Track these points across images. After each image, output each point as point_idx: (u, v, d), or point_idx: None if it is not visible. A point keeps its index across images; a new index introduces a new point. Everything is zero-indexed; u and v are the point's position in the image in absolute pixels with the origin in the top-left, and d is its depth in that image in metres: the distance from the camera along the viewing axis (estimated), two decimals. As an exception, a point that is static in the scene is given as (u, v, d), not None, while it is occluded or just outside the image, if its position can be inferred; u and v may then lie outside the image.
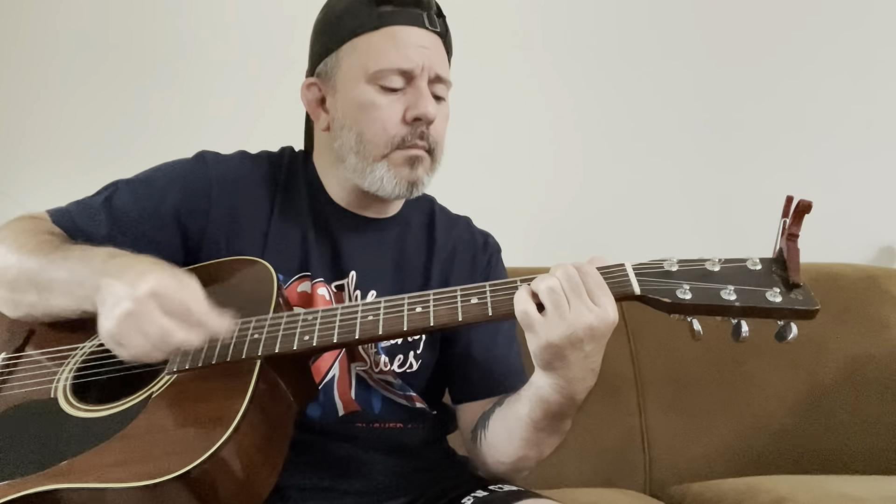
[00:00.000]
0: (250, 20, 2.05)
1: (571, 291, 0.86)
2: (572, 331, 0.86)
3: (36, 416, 0.96)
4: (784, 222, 0.86)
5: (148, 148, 1.85)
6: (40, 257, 1.01)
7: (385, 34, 1.08)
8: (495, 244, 1.26)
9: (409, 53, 1.08)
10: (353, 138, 1.10)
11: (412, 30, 1.09)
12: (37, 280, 1.00)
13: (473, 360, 1.16)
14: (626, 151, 2.17)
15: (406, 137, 1.09)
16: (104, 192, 1.14)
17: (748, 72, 2.18)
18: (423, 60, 1.08)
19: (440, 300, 0.94)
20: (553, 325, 0.86)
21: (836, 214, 2.03)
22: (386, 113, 1.08)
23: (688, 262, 0.89)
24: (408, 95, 1.09)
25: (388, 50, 1.08)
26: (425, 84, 1.09)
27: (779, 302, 0.83)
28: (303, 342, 0.94)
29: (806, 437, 1.81)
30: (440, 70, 1.10)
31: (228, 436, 0.85)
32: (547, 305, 0.87)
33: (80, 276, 0.96)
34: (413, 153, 1.09)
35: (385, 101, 1.08)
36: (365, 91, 1.09)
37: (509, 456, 1.07)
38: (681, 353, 1.83)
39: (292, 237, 1.13)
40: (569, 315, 0.86)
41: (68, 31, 2.02)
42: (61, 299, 0.99)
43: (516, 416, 1.01)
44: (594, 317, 0.86)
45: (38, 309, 1.03)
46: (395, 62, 1.07)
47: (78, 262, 0.98)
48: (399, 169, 1.10)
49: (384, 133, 1.08)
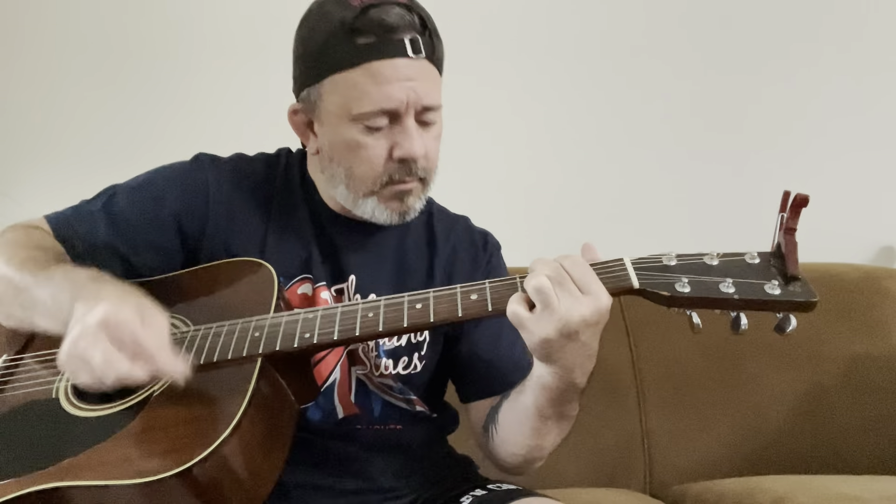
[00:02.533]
0: (249, 22, 2.05)
1: (559, 286, 0.85)
2: (564, 324, 0.85)
3: (37, 415, 0.96)
4: (782, 217, 0.85)
5: (148, 148, 1.86)
6: (26, 274, 0.99)
7: (364, 72, 1.02)
8: (495, 242, 1.25)
9: (392, 92, 1.02)
10: (342, 172, 1.08)
11: (394, 62, 1.02)
12: (21, 298, 0.99)
13: (479, 358, 1.15)
14: (623, 150, 2.17)
15: (394, 175, 1.06)
16: (102, 197, 1.14)
17: (747, 71, 2.17)
18: (408, 95, 1.02)
19: (440, 298, 0.94)
20: (545, 322, 0.86)
21: (836, 214, 2.02)
22: (372, 152, 1.05)
23: (686, 257, 0.89)
24: (394, 132, 1.05)
25: (370, 90, 1.02)
26: (411, 121, 1.04)
27: (777, 294, 0.83)
28: (303, 340, 0.94)
29: (806, 437, 1.81)
30: (426, 100, 1.04)
31: (229, 433, 0.85)
32: (536, 303, 0.86)
33: (59, 300, 0.94)
34: (402, 188, 1.08)
35: (370, 140, 1.05)
36: (349, 130, 1.05)
37: (521, 447, 1.06)
38: (681, 353, 1.82)
39: (291, 239, 1.13)
40: (559, 309, 0.85)
41: (68, 31, 2.02)
42: (43, 320, 0.97)
43: (523, 406, 1.01)
44: (585, 307, 0.85)
45: (25, 324, 1.02)
46: (378, 103, 1.02)
47: (59, 285, 0.96)
48: (389, 202, 1.09)
49: (372, 172, 1.06)
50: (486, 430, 1.13)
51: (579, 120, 2.16)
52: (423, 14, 1.06)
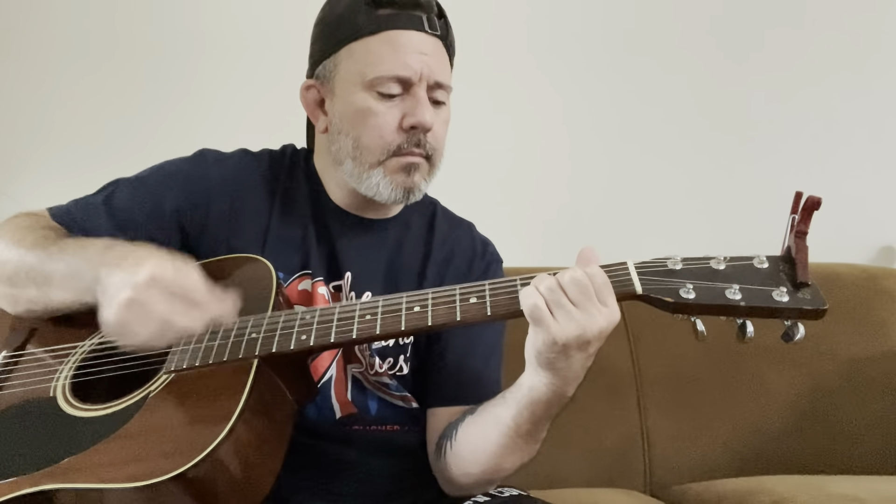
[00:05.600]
0: (252, 17, 2.05)
1: (581, 294, 0.84)
2: (582, 332, 0.84)
3: (34, 415, 0.96)
4: (793, 218, 0.83)
5: (148, 147, 1.84)
6: (38, 251, 1.01)
7: (383, 39, 1.06)
8: (495, 253, 1.23)
9: (408, 60, 1.05)
10: (350, 144, 1.09)
11: (411, 34, 1.06)
12: (35, 274, 1.00)
13: (445, 364, 1.12)
14: (628, 151, 2.17)
15: (402, 145, 1.07)
16: (105, 190, 1.14)
17: (751, 74, 2.18)
18: (422, 67, 1.06)
19: (438, 299, 0.93)
20: (563, 325, 0.84)
21: (836, 214, 2.01)
22: (383, 120, 1.06)
23: (692, 261, 0.87)
24: (406, 102, 1.07)
25: (386, 56, 1.05)
26: (423, 91, 1.07)
27: (786, 301, 0.81)
28: (300, 342, 0.93)
29: (806, 437, 1.81)
30: (439, 76, 1.08)
31: (224, 436, 0.84)
32: (550, 303, 0.85)
33: (78, 268, 0.96)
34: (409, 160, 1.08)
35: (382, 107, 1.06)
36: (362, 97, 1.07)
37: (479, 465, 1.01)
38: (681, 353, 1.82)
39: (292, 236, 1.13)
40: (580, 317, 0.84)
41: (68, 30, 2.02)
42: (60, 293, 0.99)
43: (496, 420, 0.97)
44: (604, 318, 0.84)
45: (39, 304, 1.03)
46: (393, 69, 1.05)
47: (75, 254, 0.98)
48: (395, 175, 1.08)
49: (380, 140, 1.07)
50: (439, 445, 1.08)
51: (583, 119, 2.15)
52: (439, 2, 1.11)
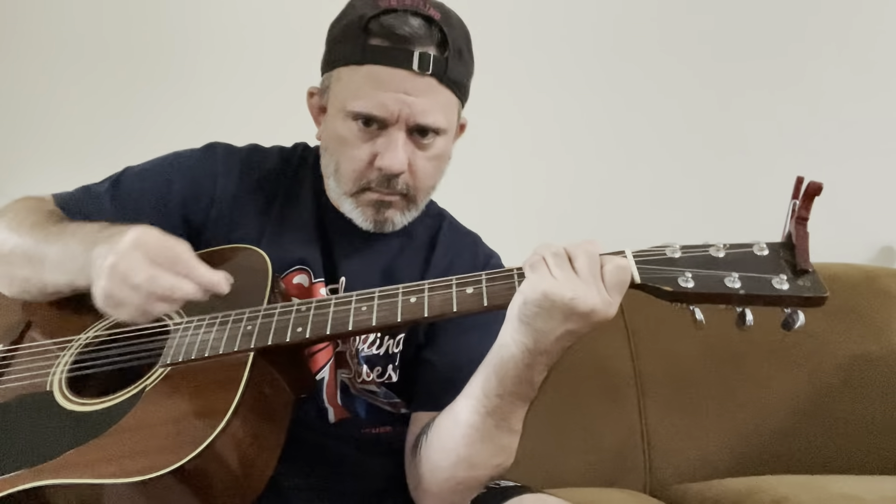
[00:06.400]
0: (254, 17, 2.05)
1: (589, 268, 0.83)
2: (573, 296, 0.81)
3: (31, 409, 0.95)
4: (794, 204, 0.82)
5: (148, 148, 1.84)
6: (36, 232, 1.01)
7: (366, 73, 1.01)
8: (499, 265, 1.19)
9: (385, 100, 1.01)
10: (332, 164, 1.08)
11: (395, 73, 1.00)
12: (31, 254, 1.01)
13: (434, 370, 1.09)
14: (629, 145, 2.17)
15: (372, 183, 1.05)
16: (111, 178, 1.15)
17: (750, 71, 2.17)
18: (401, 109, 1.01)
19: (435, 290, 0.92)
20: (561, 282, 0.82)
21: (836, 214, 2.02)
22: (357, 153, 1.04)
23: (691, 248, 0.85)
24: (382, 139, 1.03)
25: (366, 92, 1.01)
26: (399, 134, 1.02)
27: (786, 289, 0.80)
28: (296, 334, 0.93)
29: (806, 437, 1.81)
30: (421, 119, 1.02)
31: (221, 429, 0.84)
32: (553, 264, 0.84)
33: (73, 250, 0.96)
34: (379, 199, 1.06)
35: (359, 139, 1.04)
36: (343, 124, 1.05)
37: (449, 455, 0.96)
38: (681, 353, 1.82)
39: (291, 234, 1.12)
40: (579, 284, 0.82)
41: (67, 30, 2.02)
42: (54, 274, 0.99)
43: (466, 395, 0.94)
44: (600, 300, 0.82)
45: (32, 285, 1.03)
46: (369, 108, 1.02)
47: (72, 237, 0.98)
48: (366, 208, 1.07)
49: (353, 172, 1.06)
50: (417, 442, 1.04)
51: (585, 116, 2.16)
52: (450, 33, 1.03)
